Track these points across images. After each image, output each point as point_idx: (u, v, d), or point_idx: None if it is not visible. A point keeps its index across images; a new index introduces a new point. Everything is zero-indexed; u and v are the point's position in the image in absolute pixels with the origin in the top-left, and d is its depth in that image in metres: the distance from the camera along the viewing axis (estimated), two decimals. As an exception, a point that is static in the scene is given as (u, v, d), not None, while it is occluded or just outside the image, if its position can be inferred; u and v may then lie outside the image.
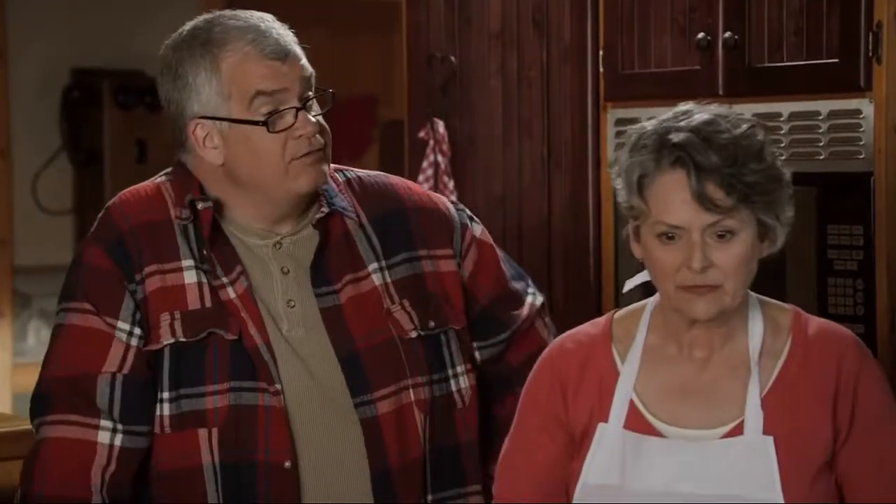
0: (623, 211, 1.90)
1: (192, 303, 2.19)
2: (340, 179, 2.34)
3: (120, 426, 2.18)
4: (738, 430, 1.81)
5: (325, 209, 2.26)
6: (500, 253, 2.41)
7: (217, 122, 2.19)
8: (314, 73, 2.25)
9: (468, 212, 2.42)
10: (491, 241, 2.40)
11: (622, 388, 1.90)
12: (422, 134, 3.67)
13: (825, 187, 2.88)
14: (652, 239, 1.84)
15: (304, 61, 2.23)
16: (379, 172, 2.42)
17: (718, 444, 1.81)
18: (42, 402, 2.21)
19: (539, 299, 2.43)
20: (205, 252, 2.21)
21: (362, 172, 2.39)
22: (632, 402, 1.89)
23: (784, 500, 1.75)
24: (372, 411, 2.21)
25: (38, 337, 5.06)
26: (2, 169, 5.08)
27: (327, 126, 2.25)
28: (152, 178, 2.32)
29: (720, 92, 3.04)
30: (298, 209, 2.26)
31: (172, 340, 2.18)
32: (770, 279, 2.96)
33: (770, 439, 1.79)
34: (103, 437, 2.17)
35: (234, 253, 2.23)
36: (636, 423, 1.88)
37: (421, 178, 3.67)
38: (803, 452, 1.79)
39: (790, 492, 1.76)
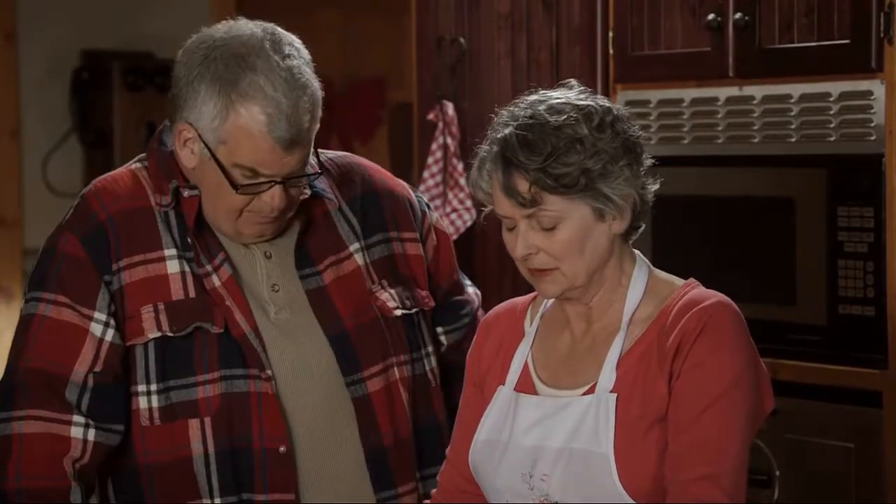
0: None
1: (176, 293, 2.17)
2: (314, 162, 2.31)
3: (92, 422, 2.16)
4: (593, 389, 1.94)
5: (307, 192, 2.25)
6: None
7: (202, 143, 2.15)
8: (311, 157, 2.20)
9: (426, 199, 2.45)
10: (445, 229, 2.44)
11: (520, 351, 2.04)
12: (431, 116, 3.67)
13: (836, 169, 2.87)
14: (502, 226, 1.98)
15: (310, 147, 2.18)
16: (346, 153, 2.41)
17: (573, 401, 1.94)
18: (10, 394, 2.16)
19: (478, 290, 2.48)
20: (189, 240, 2.19)
21: (331, 153, 2.37)
22: (526, 365, 2.03)
23: (615, 449, 1.88)
24: (363, 390, 2.22)
25: (49, 318, 5.08)
26: (12, 150, 5.08)
27: (298, 197, 2.22)
28: (126, 165, 2.29)
29: (730, 73, 3.03)
30: None
31: (159, 335, 2.16)
32: (780, 261, 2.97)
33: (613, 396, 1.91)
34: (76, 433, 2.15)
35: (216, 240, 2.22)
36: (525, 384, 2.01)
37: (430, 160, 3.67)
38: (640, 407, 1.90)
39: (622, 442, 1.89)
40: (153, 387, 2.17)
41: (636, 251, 2.03)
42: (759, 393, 1.93)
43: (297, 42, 2.20)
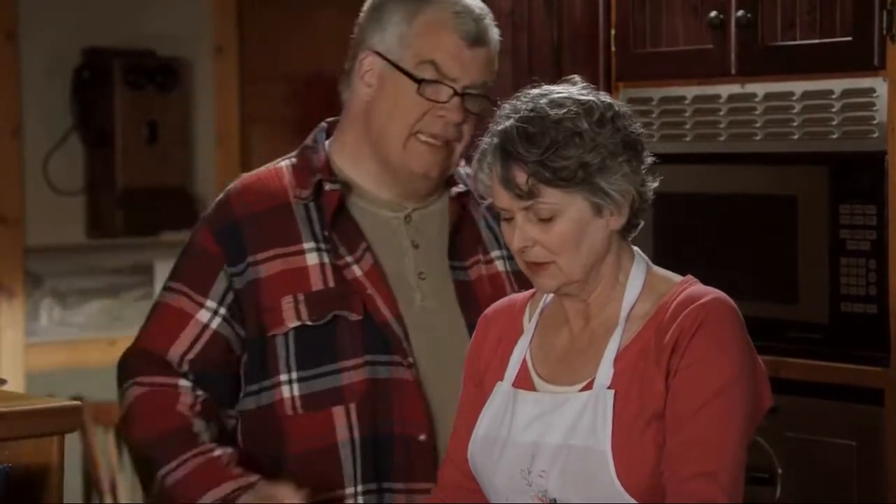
0: None
1: (315, 284, 2.22)
2: (462, 173, 2.39)
3: (199, 385, 2.24)
4: (590, 386, 1.94)
5: (462, 187, 2.32)
6: None
7: (384, 62, 2.23)
8: (492, 81, 2.28)
9: None
10: None
11: (519, 347, 2.04)
12: (433, 114, 3.66)
13: (838, 166, 2.87)
14: (501, 219, 1.99)
15: (493, 62, 2.27)
16: None
17: (571, 397, 1.94)
18: (123, 370, 2.31)
19: None
20: (326, 233, 2.24)
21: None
22: (524, 361, 2.03)
23: (612, 445, 1.87)
24: None
25: (51, 317, 5.06)
26: (13, 149, 5.07)
27: (472, 127, 2.27)
28: (275, 162, 2.35)
29: (732, 71, 3.03)
30: (420, 192, 2.30)
31: (298, 323, 2.21)
32: (781, 258, 2.97)
33: (610, 392, 1.91)
34: (184, 387, 2.23)
35: (357, 231, 2.26)
36: (523, 381, 2.01)
37: (432, 157, 3.66)
38: (638, 404, 1.90)
39: (620, 438, 1.88)
40: (294, 375, 2.21)
41: (635, 248, 2.03)
42: (757, 390, 1.92)
43: None
